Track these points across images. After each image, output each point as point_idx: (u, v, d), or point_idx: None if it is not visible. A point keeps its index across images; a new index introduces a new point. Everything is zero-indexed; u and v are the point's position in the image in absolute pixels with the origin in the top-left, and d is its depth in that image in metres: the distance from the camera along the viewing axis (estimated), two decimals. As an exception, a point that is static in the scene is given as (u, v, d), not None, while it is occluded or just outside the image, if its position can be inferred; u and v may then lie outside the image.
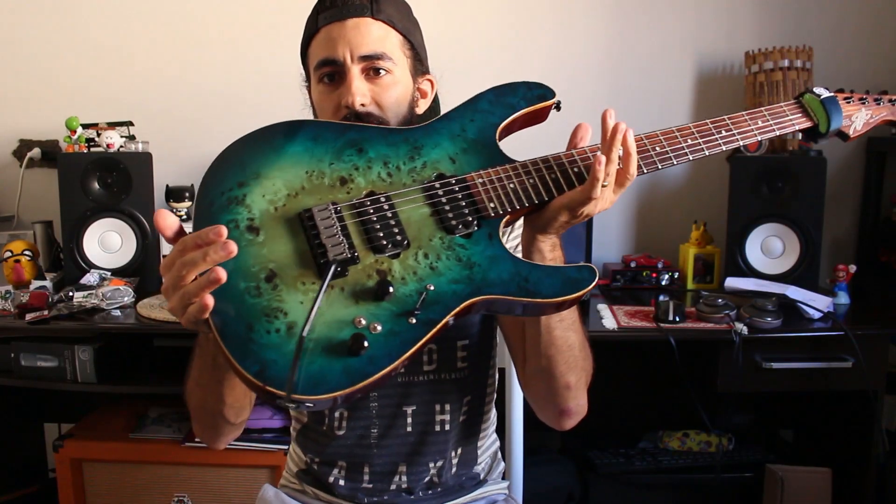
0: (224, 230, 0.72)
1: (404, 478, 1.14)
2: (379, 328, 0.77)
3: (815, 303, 1.93)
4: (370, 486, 1.14)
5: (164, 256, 2.27)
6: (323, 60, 1.04)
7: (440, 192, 0.88)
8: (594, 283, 0.83)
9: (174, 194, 2.27)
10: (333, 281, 0.79)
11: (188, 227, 0.79)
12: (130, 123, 2.28)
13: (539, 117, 0.98)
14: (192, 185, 2.30)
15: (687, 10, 2.39)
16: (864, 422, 1.95)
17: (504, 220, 0.87)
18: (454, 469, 1.17)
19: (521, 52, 2.40)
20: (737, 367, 1.80)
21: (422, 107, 1.14)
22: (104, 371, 1.88)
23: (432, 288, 0.81)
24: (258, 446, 1.89)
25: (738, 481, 2.09)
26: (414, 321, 0.78)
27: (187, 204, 2.27)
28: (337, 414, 1.13)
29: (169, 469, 1.93)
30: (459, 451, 1.18)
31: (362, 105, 1.02)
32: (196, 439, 1.90)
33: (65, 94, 2.42)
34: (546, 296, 0.82)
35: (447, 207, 0.86)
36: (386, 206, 0.85)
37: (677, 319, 1.87)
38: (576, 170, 0.90)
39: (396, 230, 0.84)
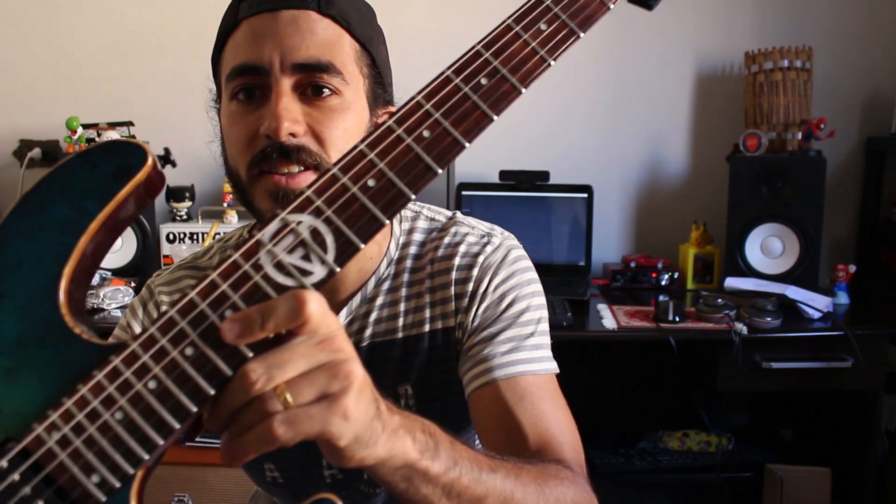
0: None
1: None
2: None
3: (815, 303, 1.93)
4: None
5: (164, 257, 2.28)
6: (240, 67, 0.74)
7: None
8: None
9: (174, 194, 2.27)
10: None
11: (185, 228, 0.72)
12: (130, 124, 2.28)
13: (140, 201, 0.53)
14: (192, 185, 2.30)
15: (687, 11, 2.39)
16: (863, 422, 1.95)
17: (136, 480, 0.48)
18: None
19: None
20: (736, 367, 1.80)
21: None
22: (104, 371, 1.87)
23: None
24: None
25: (737, 481, 2.09)
26: None
27: (188, 204, 2.27)
28: None
29: (169, 469, 1.93)
30: None
31: (291, 135, 0.72)
32: (196, 439, 1.90)
33: (65, 94, 2.42)
34: None
35: None
36: None
37: (677, 319, 1.87)
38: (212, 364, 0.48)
39: None
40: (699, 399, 1.90)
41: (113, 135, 2.19)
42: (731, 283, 2.11)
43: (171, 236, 2.15)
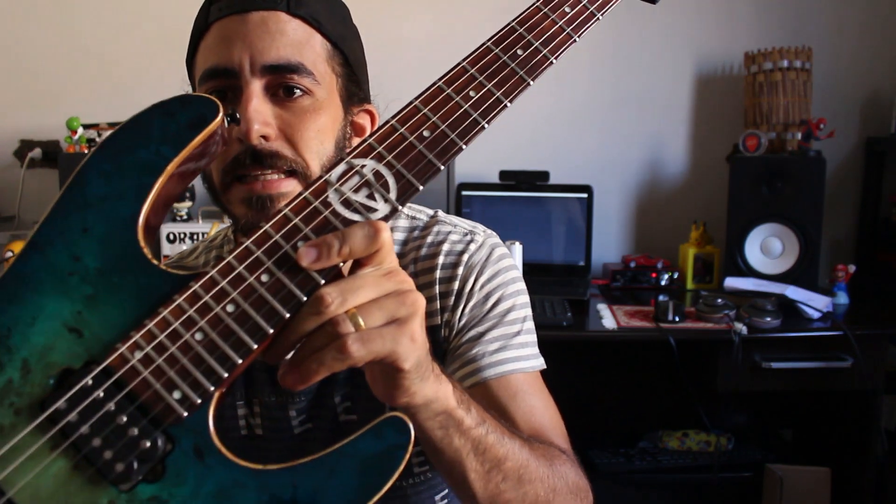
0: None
1: None
2: None
3: (815, 303, 1.93)
4: None
5: (164, 257, 2.28)
6: (211, 70, 0.74)
7: (73, 415, 0.48)
8: (410, 448, 0.50)
9: (175, 194, 2.27)
10: None
11: (186, 228, 0.74)
12: (131, 124, 2.29)
13: (205, 153, 0.58)
14: (192, 185, 2.30)
15: (687, 11, 2.39)
16: (863, 421, 1.95)
17: (214, 400, 0.50)
18: None
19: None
20: (736, 367, 1.80)
21: None
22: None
23: None
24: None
25: (737, 481, 2.09)
26: None
27: (188, 204, 2.28)
28: None
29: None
30: None
31: (263, 138, 0.72)
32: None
33: (66, 94, 2.42)
34: None
35: (98, 442, 0.48)
36: None
37: (677, 319, 1.87)
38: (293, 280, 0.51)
39: None
40: (699, 399, 1.90)
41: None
42: (731, 283, 2.11)
43: (172, 236, 2.15)
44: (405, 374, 0.53)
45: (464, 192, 2.26)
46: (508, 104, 0.58)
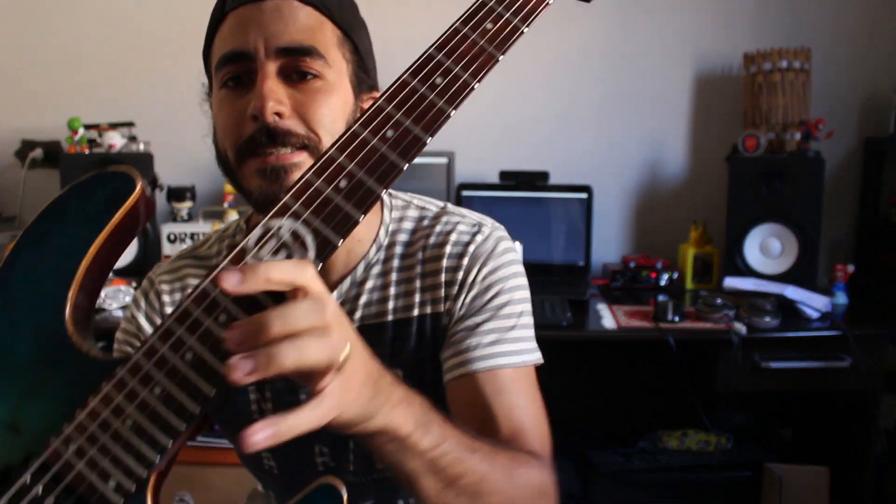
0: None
1: None
2: None
3: (814, 302, 1.93)
4: None
5: (164, 257, 2.29)
6: (227, 55, 0.77)
7: None
8: None
9: (175, 194, 2.28)
10: None
11: (186, 228, 0.75)
12: (132, 124, 2.29)
13: (132, 223, 0.57)
14: (193, 185, 2.31)
15: (686, 11, 2.39)
16: (862, 421, 1.95)
17: (151, 483, 0.52)
18: None
19: (517, 54, 2.40)
20: (735, 367, 1.81)
21: None
22: (105, 371, 1.87)
23: None
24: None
25: (736, 480, 2.09)
26: None
27: (188, 204, 2.28)
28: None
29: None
30: None
31: (277, 115, 0.74)
32: (198, 438, 1.91)
33: (67, 94, 2.43)
34: None
35: None
36: None
37: (676, 319, 1.87)
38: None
39: None
40: (698, 399, 1.91)
41: (114, 135, 2.19)
42: (730, 282, 2.11)
43: (172, 236, 2.15)
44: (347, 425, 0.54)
45: (464, 193, 2.27)
46: (428, 140, 0.55)
